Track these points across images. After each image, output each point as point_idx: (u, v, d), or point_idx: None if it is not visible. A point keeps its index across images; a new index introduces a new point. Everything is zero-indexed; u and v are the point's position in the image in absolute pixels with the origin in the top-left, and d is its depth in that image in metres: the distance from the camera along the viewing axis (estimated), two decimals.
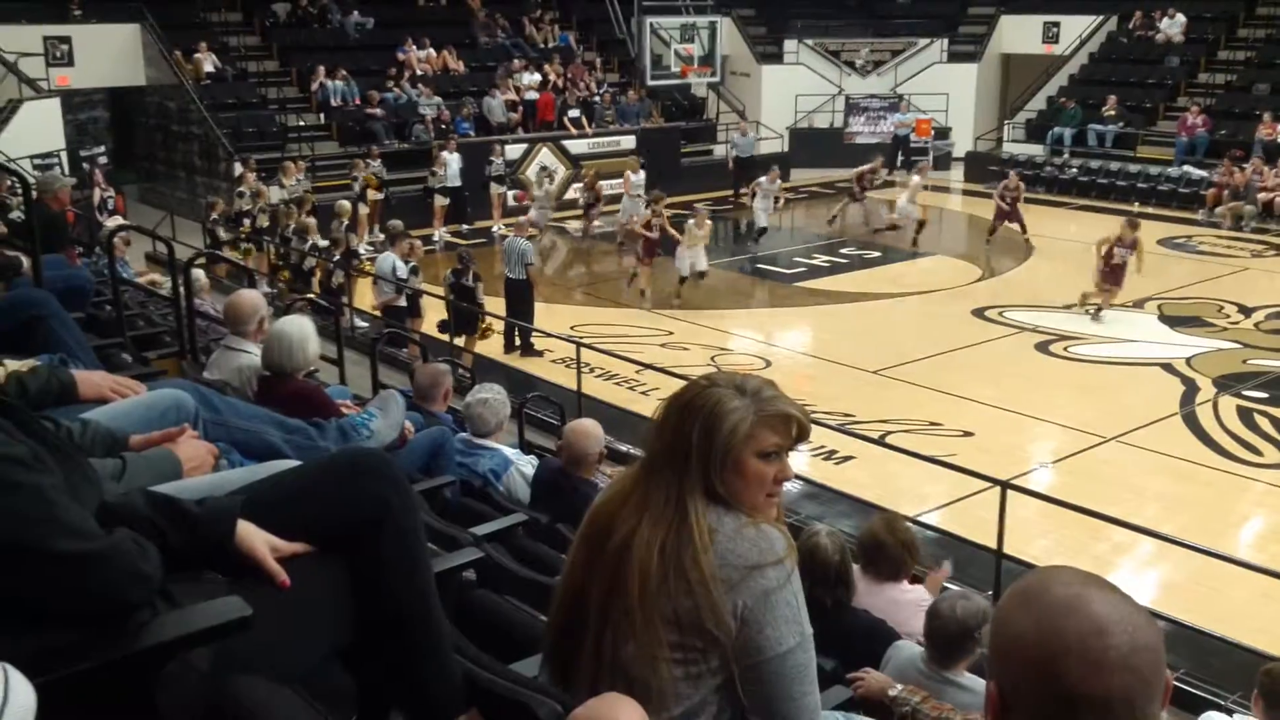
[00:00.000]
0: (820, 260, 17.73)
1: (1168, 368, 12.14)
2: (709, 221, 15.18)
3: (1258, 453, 9.89)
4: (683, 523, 1.99)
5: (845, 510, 8.13)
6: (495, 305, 12.87)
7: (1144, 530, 7.04)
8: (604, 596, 2.02)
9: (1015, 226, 17.94)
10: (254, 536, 2.08)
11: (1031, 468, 9.67)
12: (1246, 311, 14.27)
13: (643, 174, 19.45)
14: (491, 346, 12.23)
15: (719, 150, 25.66)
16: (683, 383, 2.18)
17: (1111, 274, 13.97)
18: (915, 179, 18.91)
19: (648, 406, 7.68)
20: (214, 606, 1.96)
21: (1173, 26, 24.91)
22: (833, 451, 9.56)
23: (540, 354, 12.22)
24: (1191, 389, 11.48)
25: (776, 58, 27.40)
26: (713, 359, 12.34)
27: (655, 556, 1.97)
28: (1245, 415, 10.71)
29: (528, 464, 5.10)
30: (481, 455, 4.96)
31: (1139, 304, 14.57)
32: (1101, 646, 1.28)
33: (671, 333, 13.39)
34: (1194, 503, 8.96)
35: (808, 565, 3.75)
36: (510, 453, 5.14)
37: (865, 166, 20.21)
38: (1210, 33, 24.69)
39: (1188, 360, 12.33)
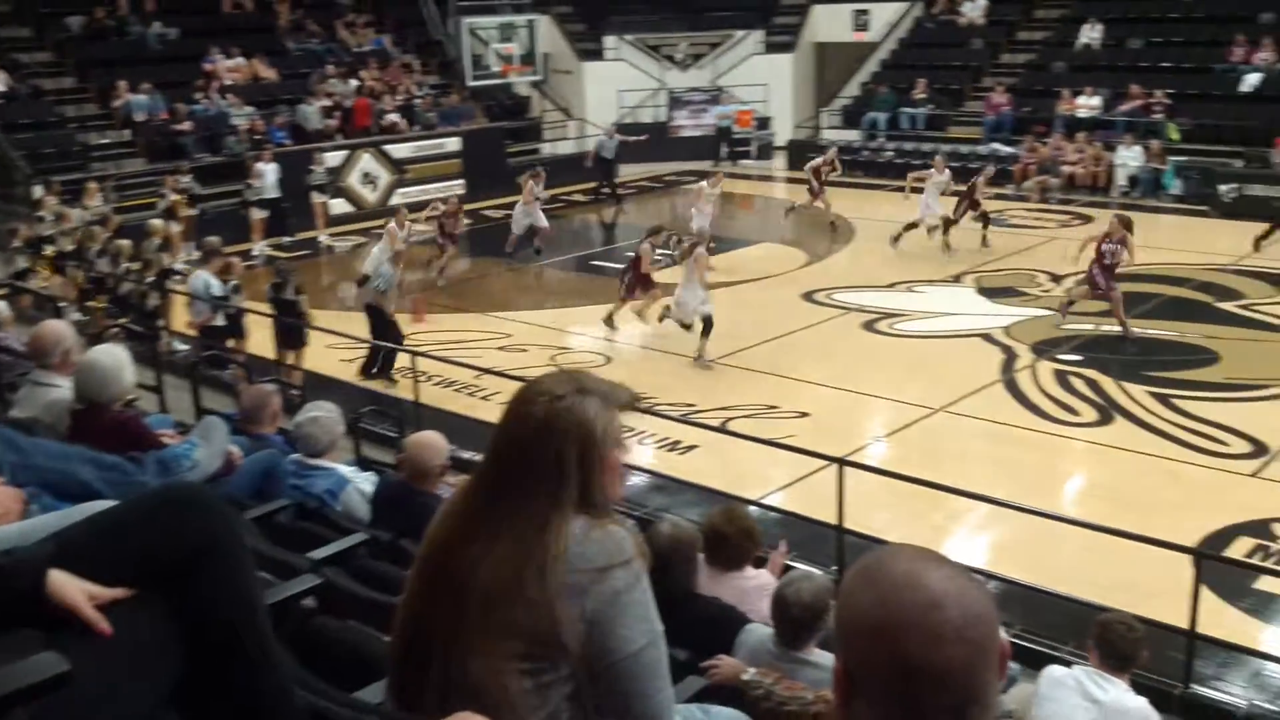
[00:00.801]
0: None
1: (987, 337, 12.69)
2: (703, 251, 12.71)
3: (1075, 413, 10.42)
4: (541, 536, 1.97)
5: (692, 499, 8.22)
6: (328, 319, 12.53)
7: (974, 495, 7.35)
8: (449, 615, 1.98)
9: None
10: (67, 586, 1.96)
11: (867, 443, 9.96)
12: (1057, 279, 15.02)
13: (540, 186, 17.80)
14: (326, 363, 11.88)
15: (545, 149, 25.66)
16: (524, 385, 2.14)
17: (1104, 273, 12.73)
18: (936, 175, 17.12)
19: (490, 412, 7.62)
20: (27, 665, 1.83)
21: (974, 10, 26.03)
22: (676, 442, 9.65)
23: (395, 381, 11.47)
24: (1011, 356, 12.02)
25: (597, 54, 27.52)
26: (553, 358, 12.30)
27: (502, 572, 1.94)
28: (1061, 378, 11.28)
29: (366, 481, 4.97)
30: (316, 476, 4.80)
31: (957, 278, 15.17)
32: (938, 619, 1.32)
33: (509, 335, 13.29)
34: (1019, 465, 9.39)
35: (654, 558, 3.77)
36: (347, 471, 5.00)
37: (820, 160, 19.16)
38: (1010, 14, 25.89)
39: (1006, 329, 12.91)
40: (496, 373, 9.72)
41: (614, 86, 26.71)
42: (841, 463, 7.04)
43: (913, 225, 16.79)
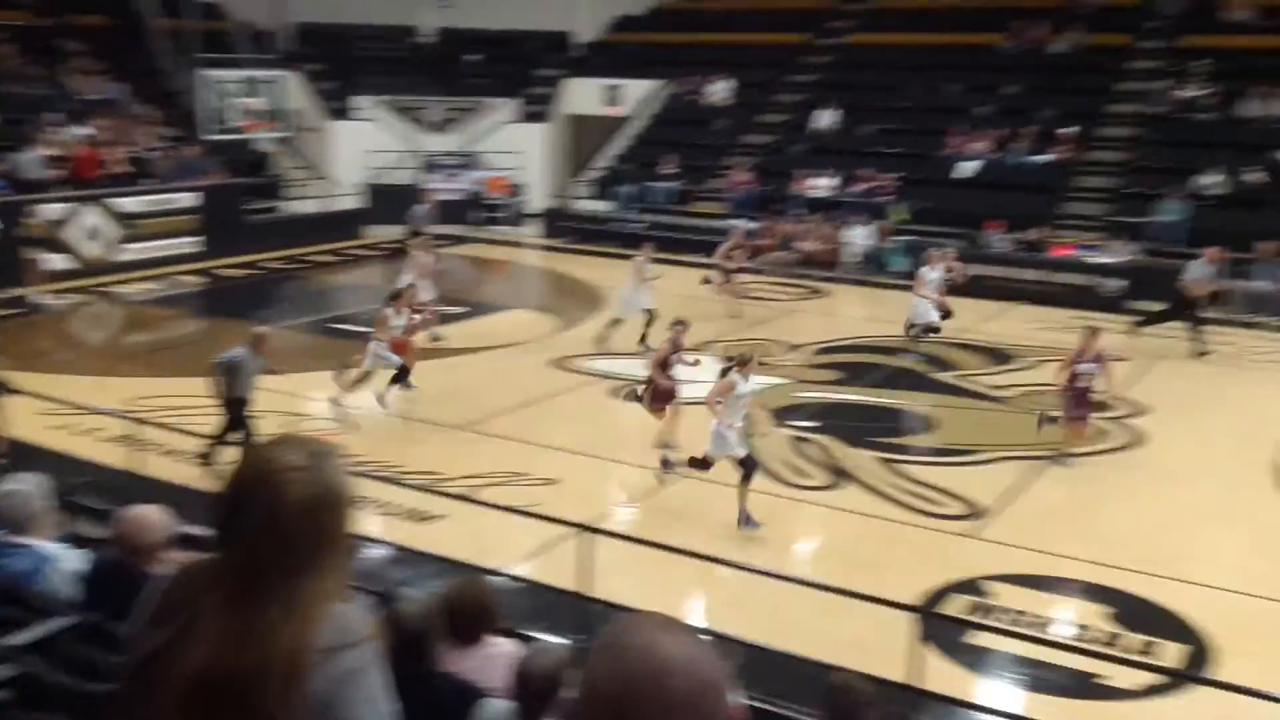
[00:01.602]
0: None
1: None
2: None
3: (807, 477, 10.88)
4: (296, 615, 1.85)
5: (436, 571, 8.03)
6: (39, 383, 11.61)
7: (713, 559, 7.53)
8: (191, 713, 1.83)
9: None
10: None
11: (612, 509, 10.05)
12: (795, 349, 15.74)
13: (433, 256, 16.58)
14: (35, 431, 10.97)
15: (288, 207, 25.02)
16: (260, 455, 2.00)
17: (1077, 401, 11.15)
18: (930, 273, 15.78)
19: (217, 483, 7.20)
20: None
21: (719, 92, 27.27)
22: (419, 512, 9.44)
23: None
24: (750, 422, 12.43)
25: (348, 113, 27.12)
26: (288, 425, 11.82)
27: (250, 658, 1.82)
28: (796, 444, 11.76)
29: (75, 559, 4.59)
30: (16, 554, 4.40)
31: (699, 347, 15.62)
32: (668, 688, 1.38)
33: None
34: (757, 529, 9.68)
35: (391, 636, 3.65)
36: (52, 548, 4.60)
37: (729, 244, 18.25)
38: (752, 98, 27.23)
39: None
40: (224, 441, 9.27)
41: (363, 146, 26.36)
42: (586, 529, 7.07)
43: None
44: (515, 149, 26.98)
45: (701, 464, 9.81)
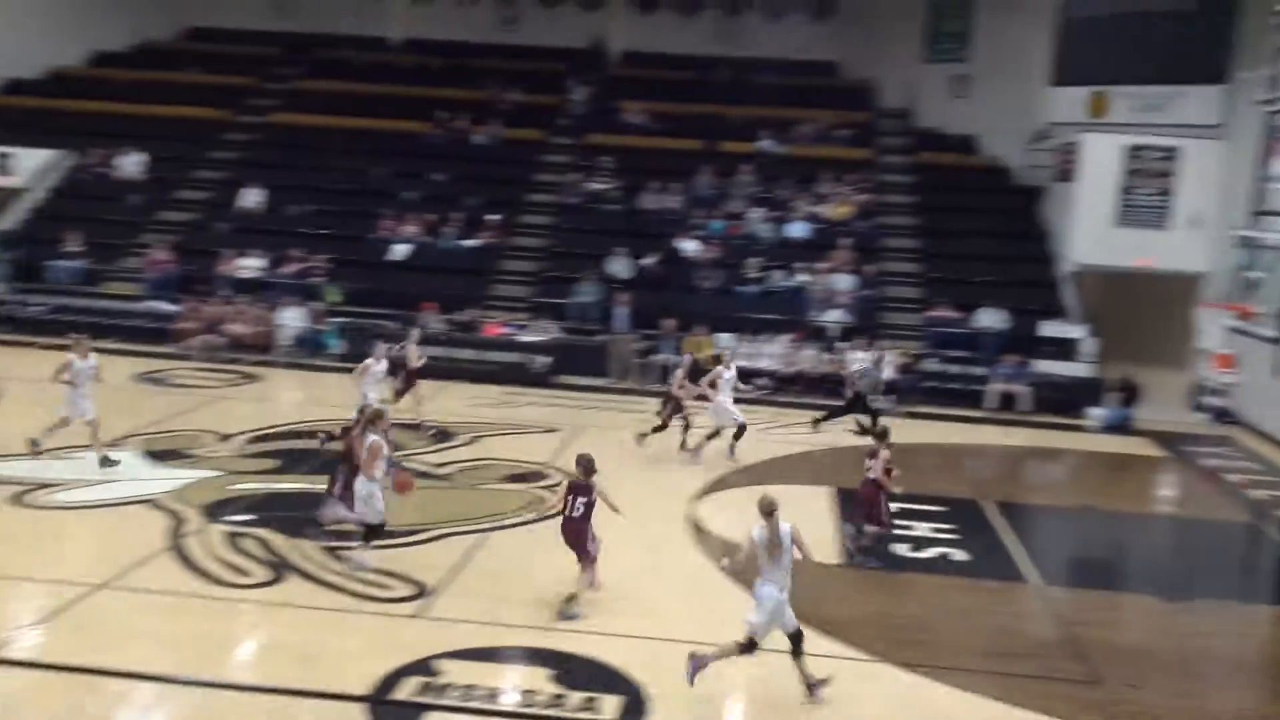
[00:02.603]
0: None
1: (153, 503, 11.99)
2: None
3: (247, 574, 10.19)
4: None
5: None
6: None
7: (147, 677, 6.77)
8: None
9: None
10: None
11: (13, 633, 8.70)
12: (226, 438, 14.83)
13: (91, 359, 13.49)
14: None
15: None
16: None
17: (882, 503, 11.41)
18: (726, 373, 15.39)
19: None
20: None
21: (131, 165, 25.46)
22: None
23: None
24: (178, 521, 11.46)
25: None
26: None
27: None
28: (233, 540, 11.00)
29: None
30: None
31: (118, 442, 14.19)
32: None
33: None
34: (195, 635, 8.86)
35: None
36: None
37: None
38: (169, 171, 25.69)
39: (175, 493, 12.34)
40: None
41: None
42: None
43: (715, 434, 15.33)
44: None
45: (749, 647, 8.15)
